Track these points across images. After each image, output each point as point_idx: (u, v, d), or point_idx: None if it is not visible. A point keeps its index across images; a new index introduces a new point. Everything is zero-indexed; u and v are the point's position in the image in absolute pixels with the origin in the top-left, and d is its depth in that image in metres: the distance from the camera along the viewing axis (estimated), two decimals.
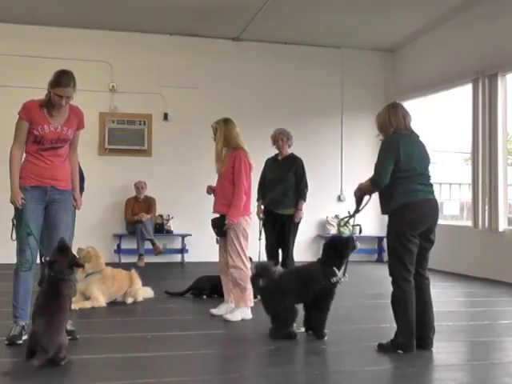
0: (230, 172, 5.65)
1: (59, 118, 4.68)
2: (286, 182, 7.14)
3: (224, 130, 5.70)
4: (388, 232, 4.55)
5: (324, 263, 4.85)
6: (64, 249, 4.30)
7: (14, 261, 4.56)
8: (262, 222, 7.27)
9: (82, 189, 6.00)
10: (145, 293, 6.67)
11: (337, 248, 4.90)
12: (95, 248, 6.44)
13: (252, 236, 5.98)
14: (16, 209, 4.56)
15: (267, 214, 7.23)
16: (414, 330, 4.33)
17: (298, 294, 4.75)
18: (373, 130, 4.90)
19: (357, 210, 4.78)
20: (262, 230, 7.28)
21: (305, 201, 7.22)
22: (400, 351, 4.31)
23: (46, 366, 3.87)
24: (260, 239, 7.15)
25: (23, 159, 4.73)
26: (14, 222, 4.57)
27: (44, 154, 4.64)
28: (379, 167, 4.45)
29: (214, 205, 5.86)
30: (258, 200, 7.30)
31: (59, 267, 4.19)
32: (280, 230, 7.18)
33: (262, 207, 7.29)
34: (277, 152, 7.41)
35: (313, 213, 10.23)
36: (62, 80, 4.60)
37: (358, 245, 5.08)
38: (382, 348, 4.42)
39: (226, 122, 5.77)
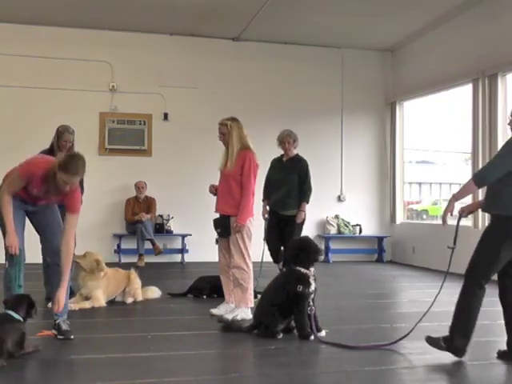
0: (238, 173, 5.58)
1: (54, 194, 4.56)
2: (289, 184, 7.21)
3: (237, 130, 5.66)
4: (486, 231, 4.24)
5: (294, 267, 4.86)
6: None
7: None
8: (267, 223, 7.33)
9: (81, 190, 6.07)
10: (152, 292, 6.71)
11: (304, 251, 4.88)
12: (98, 254, 6.36)
13: (257, 236, 6.02)
14: (8, 251, 4.39)
15: (272, 215, 7.31)
16: (471, 336, 4.17)
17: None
18: (372, 130, 4.89)
19: (457, 231, 4.53)
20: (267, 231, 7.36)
21: (307, 202, 7.28)
22: (451, 353, 4.17)
23: (45, 366, 3.87)
24: (265, 239, 7.21)
25: None
26: (7, 264, 4.44)
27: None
28: (489, 165, 4.18)
29: (217, 204, 5.82)
30: (263, 200, 7.39)
31: None
32: (283, 230, 7.21)
33: (268, 208, 7.35)
34: (282, 153, 7.47)
35: (313, 213, 10.21)
36: (72, 167, 4.33)
37: (321, 258, 5.08)
38: (432, 342, 4.26)
39: (237, 121, 5.71)
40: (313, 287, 4.81)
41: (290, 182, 7.21)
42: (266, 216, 7.33)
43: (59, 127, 6.69)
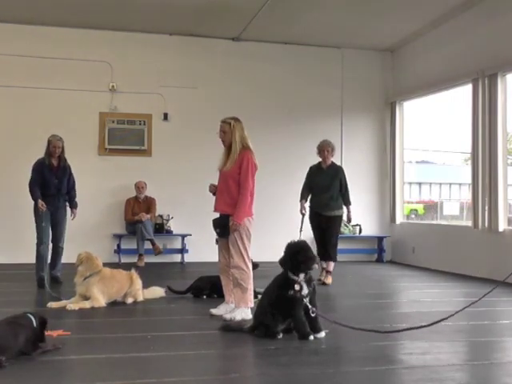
0: (236, 172, 5.58)
1: None
2: (332, 189, 8.27)
3: (240, 130, 5.66)
4: None
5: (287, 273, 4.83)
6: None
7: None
8: (308, 218, 8.34)
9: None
10: (155, 292, 6.73)
11: (297, 257, 4.81)
12: (89, 251, 6.40)
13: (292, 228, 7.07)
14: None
15: (315, 215, 8.32)
16: None
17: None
18: (372, 130, 4.89)
19: None
20: (303, 224, 8.26)
21: (351, 204, 8.45)
22: None
23: (45, 366, 3.87)
24: (301, 231, 7.99)
25: None
26: None
27: None
28: None
29: (215, 204, 5.81)
30: (300, 200, 8.39)
31: None
32: (326, 227, 8.25)
33: (308, 207, 8.35)
34: (320, 160, 8.43)
35: None
36: None
37: (315, 267, 4.92)
38: None
39: (240, 121, 5.73)
40: (305, 291, 4.79)
41: (333, 187, 8.27)
42: (304, 211, 8.28)
43: (49, 137, 7.57)
